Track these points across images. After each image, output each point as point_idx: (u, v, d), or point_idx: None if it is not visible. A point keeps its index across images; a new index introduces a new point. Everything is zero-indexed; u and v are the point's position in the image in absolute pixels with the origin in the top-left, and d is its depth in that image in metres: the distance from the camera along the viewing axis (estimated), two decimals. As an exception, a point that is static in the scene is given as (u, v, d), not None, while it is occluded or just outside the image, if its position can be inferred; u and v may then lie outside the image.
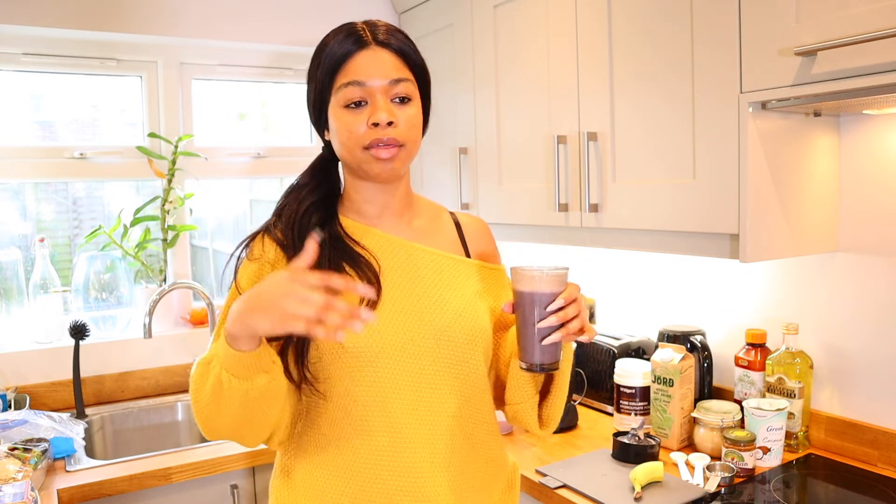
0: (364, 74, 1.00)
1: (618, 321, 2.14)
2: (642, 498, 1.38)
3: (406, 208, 1.13)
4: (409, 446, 1.00)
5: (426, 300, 1.04)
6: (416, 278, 1.06)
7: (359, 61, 1.01)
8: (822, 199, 1.50)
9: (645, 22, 1.51)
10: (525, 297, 0.98)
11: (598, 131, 1.64)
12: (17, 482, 1.39)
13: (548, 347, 0.98)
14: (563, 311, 0.96)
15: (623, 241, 1.64)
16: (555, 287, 0.97)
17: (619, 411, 1.79)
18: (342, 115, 1.01)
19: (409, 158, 1.05)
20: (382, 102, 1.00)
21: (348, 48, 1.01)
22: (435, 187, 2.29)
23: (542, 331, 0.97)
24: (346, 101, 1.01)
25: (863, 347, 1.54)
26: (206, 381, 0.94)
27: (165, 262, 2.30)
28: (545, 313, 0.96)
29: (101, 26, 2.11)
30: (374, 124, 0.99)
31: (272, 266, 1.04)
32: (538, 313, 0.97)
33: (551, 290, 0.97)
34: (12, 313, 2.11)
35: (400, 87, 1.02)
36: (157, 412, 2.14)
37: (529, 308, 0.98)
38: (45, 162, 2.15)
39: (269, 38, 2.34)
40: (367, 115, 1.00)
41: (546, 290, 0.97)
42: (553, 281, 0.97)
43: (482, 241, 1.20)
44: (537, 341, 0.97)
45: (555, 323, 0.96)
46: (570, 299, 0.97)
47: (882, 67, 1.09)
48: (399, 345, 1.01)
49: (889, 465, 1.49)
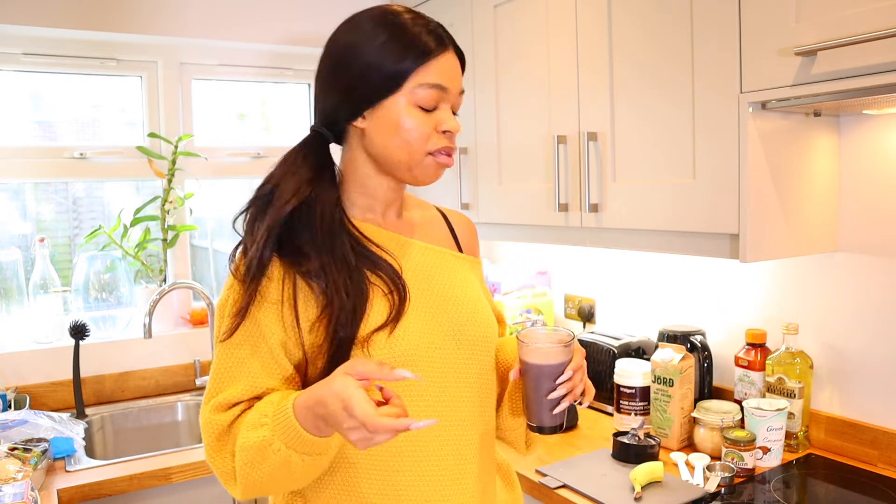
0: (449, 80, 0.97)
1: (618, 321, 2.14)
2: (642, 498, 1.38)
3: (404, 204, 1.11)
4: (433, 457, 0.97)
5: (442, 300, 1.01)
6: (429, 278, 1.02)
7: (444, 64, 0.96)
8: (821, 200, 1.50)
9: (645, 21, 1.51)
10: (534, 369, 0.98)
11: (598, 131, 1.64)
12: (17, 482, 1.39)
13: (557, 414, 1.00)
14: (571, 381, 0.97)
15: (623, 241, 1.64)
16: (563, 358, 0.98)
17: (619, 411, 1.79)
18: (414, 113, 0.95)
19: None
20: (450, 111, 0.99)
21: (433, 46, 0.95)
22: (435, 187, 2.28)
23: (552, 401, 0.98)
24: (424, 102, 0.95)
25: (863, 347, 1.54)
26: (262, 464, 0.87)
27: (165, 262, 2.30)
28: (555, 385, 0.97)
29: (101, 26, 2.11)
30: (444, 131, 0.97)
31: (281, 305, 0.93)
32: (547, 385, 0.98)
33: (560, 360, 0.98)
34: (12, 313, 2.11)
35: (462, 98, 1.01)
36: (157, 412, 2.14)
37: (538, 380, 0.98)
38: (45, 162, 2.15)
39: (269, 38, 2.34)
40: (437, 121, 0.97)
41: (555, 361, 0.98)
42: (562, 353, 0.98)
43: (470, 238, 1.18)
44: (547, 409, 0.99)
45: (564, 393, 0.97)
46: (577, 368, 0.98)
47: (882, 67, 1.09)
48: (423, 351, 0.96)
49: (889, 465, 1.49)
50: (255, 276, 0.92)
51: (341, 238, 0.96)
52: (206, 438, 0.92)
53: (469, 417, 1.01)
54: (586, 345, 1.98)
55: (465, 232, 1.17)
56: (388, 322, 0.94)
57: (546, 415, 0.99)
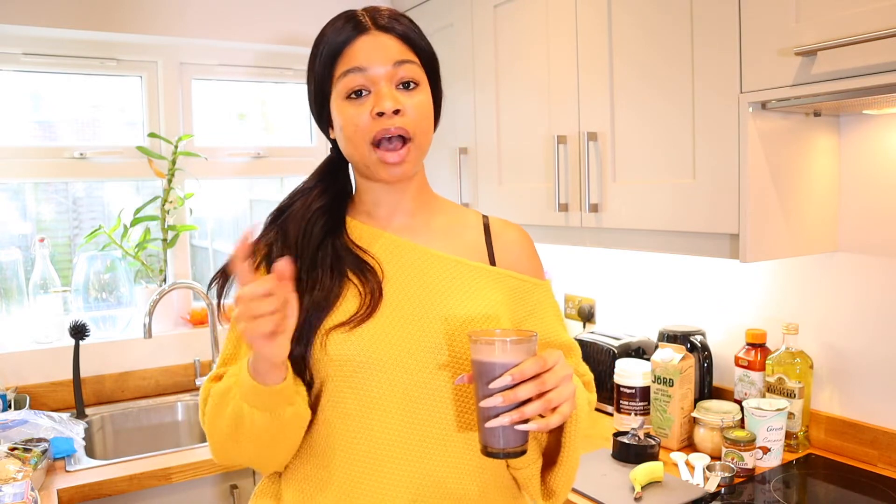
0: (365, 60, 0.91)
1: (618, 321, 2.13)
2: (642, 498, 1.38)
3: (421, 207, 1.03)
4: (389, 474, 0.89)
5: (432, 308, 0.93)
6: (423, 285, 0.95)
7: (359, 46, 0.92)
8: (821, 199, 1.50)
9: (645, 22, 1.51)
10: (474, 368, 0.81)
11: (598, 131, 1.64)
12: (17, 482, 1.39)
13: (495, 430, 0.79)
14: (512, 392, 0.78)
15: (623, 241, 1.64)
16: (508, 358, 0.78)
17: (619, 411, 1.79)
18: (344, 107, 0.93)
19: (420, 155, 0.96)
20: (386, 89, 0.91)
21: (347, 34, 0.93)
22: (435, 187, 2.27)
23: (483, 410, 0.79)
24: (347, 90, 0.92)
25: (863, 347, 1.54)
26: (222, 411, 0.89)
27: (165, 262, 2.30)
28: (488, 391, 0.78)
29: (101, 26, 2.11)
30: (378, 114, 0.90)
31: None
32: (482, 389, 0.79)
33: (502, 360, 0.78)
34: (12, 313, 2.11)
35: (404, 69, 0.92)
36: (157, 412, 2.14)
37: (477, 382, 0.81)
38: (45, 162, 2.16)
39: (269, 37, 2.34)
40: (371, 105, 0.91)
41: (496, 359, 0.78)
42: (509, 350, 0.78)
43: (515, 251, 1.05)
44: (481, 421, 0.80)
45: (499, 403, 0.77)
46: (523, 376, 0.78)
47: (882, 67, 1.09)
48: (391, 356, 0.90)
49: (889, 465, 1.49)
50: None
51: (325, 245, 0.96)
52: (201, 405, 0.95)
53: (444, 442, 0.91)
54: (586, 345, 1.97)
55: (508, 246, 1.05)
56: (350, 321, 0.91)
57: (483, 431, 0.80)
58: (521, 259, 1.05)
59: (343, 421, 0.92)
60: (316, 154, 2.48)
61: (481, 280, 0.98)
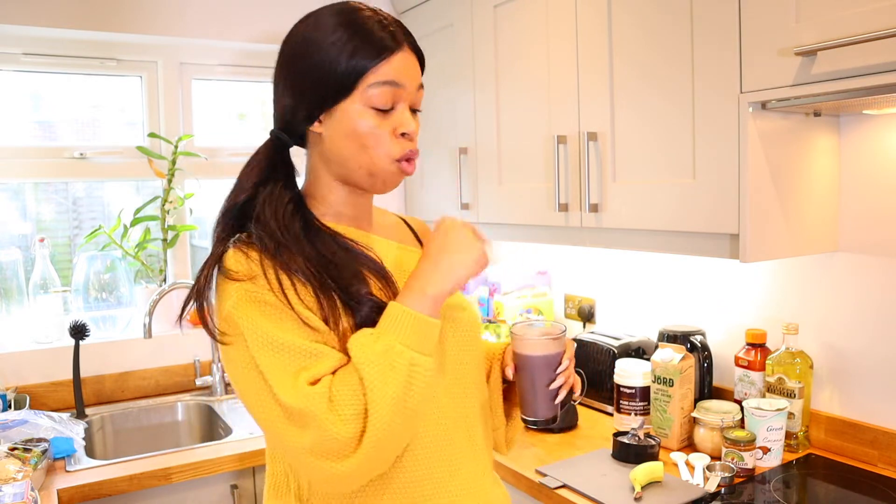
0: (404, 77, 0.92)
1: (618, 321, 2.14)
2: (642, 498, 1.38)
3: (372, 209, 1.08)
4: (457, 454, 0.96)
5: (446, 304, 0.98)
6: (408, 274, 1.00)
7: (398, 61, 0.91)
8: (821, 199, 1.50)
9: (645, 21, 1.51)
10: (531, 361, 1.03)
11: (598, 131, 1.64)
12: (17, 482, 1.39)
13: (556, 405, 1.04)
14: (569, 371, 1.04)
15: (623, 241, 1.64)
16: (558, 348, 1.04)
17: (619, 411, 1.79)
18: (368, 116, 0.91)
19: None
20: (408, 112, 0.94)
21: (387, 43, 0.90)
22: (435, 187, 2.29)
23: (552, 391, 1.03)
24: (378, 101, 0.91)
25: (863, 347, 1.54)
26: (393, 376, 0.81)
27: (165, 262, 2.30)
28: (554, 375, 1.03)
29: (101, 26, 2.11)
30: (402, 134, 0.93)
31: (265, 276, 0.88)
32: (547, 376, 1.03)
33: (556, 351, 1.04)
34: (12, 313, 2.11)
35: (420, 94, 0.97)
36: (157, 412, 2.14)
37: (536, 371, 1.03)
38: (45, 162, 2.16)
39: (269, 37, 2.34)
40: (394, 124, 0.93)
41: (552, 351, 1.03)
42: (556, 344, 1.04)
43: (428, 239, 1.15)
44: (546, 400, 1.04)
45: (562, 382, 1.03)
46: (571, 358, 1.05)
47: (882, 67, 1.09)
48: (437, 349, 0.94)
49: (889, 465, 1.49)
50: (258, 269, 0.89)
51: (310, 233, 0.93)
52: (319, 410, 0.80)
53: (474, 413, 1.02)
54: (586, 345, 1.98)
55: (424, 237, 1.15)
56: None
57: (544, 406, 1.04)
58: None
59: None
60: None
61: None
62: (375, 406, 0.80)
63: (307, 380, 0.82)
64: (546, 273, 2.38)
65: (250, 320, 0.85)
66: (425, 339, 0.85)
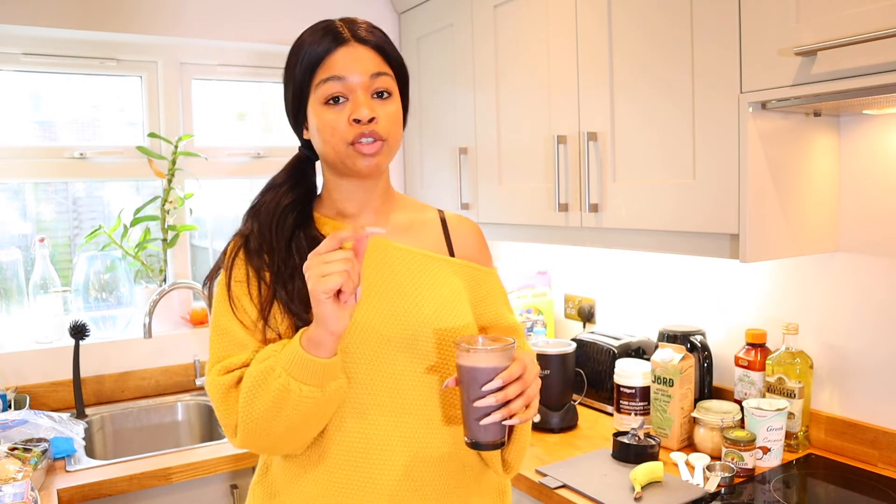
0: (344, 70, 0.99)
1: (618, 321, 2.14)
2: (642, 498, 1.38)
3: (385, 205, 1.11)
4: (382, 448, 0.99)
5: (401, 299, 1.03)
6: (392, 277, 1.04)
7: (338, 57, 1.00)
8: (821, 199, 1.50)
9: (645, 22, 1.51)
10: (464, 373, 0.92)
11: (598, 131, 1.64)
12: (17, 482, 1.39)
13: (488, 426, 0.92)
14: (503, 392, 0.91)
15: (623, 241, 1.64)
16: (495, 363, 0.91)
17: (619, 411, 1.79)
18: (322, 111, 1.00)
19: (391, 154, 1.04)
20: (363, 98, 0.99)
21: (327, 45, 1.00)
22: (435, 187, 2.29)
23: (478, 410, 0.91)
24: (325, 97, 1.00)
25: (863, 347, 1.54)
26: (264, 391, 0.92)
27: (165, 262, 2.30)
28: (481, 392, 0.90)
29: (101, 26, 2.10)
30: (355, 120, 0.98)
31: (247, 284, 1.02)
32: (475, 391, 0.91)
33: (491, 366, 0.91)
34: (12, 313, 2.11)
35: (380, 81, 1.01)
36: (157, 412, 2.14)
37: (468, 385, 0.92)
38: (45, 162, 2.15)
39: (269, 38, 2.34)
40: (349, 112, 0.99)
41: (485, 365, 0.91)
42: (494, 357, 0.91)
43: (470, 243, 1.16)
44: (474, 420, 0.92)
45: (492, 403, 0.90)
46: (511, 378, 0.92)
47: (882, 67, 1.09)
48: (372, 344, 0.99)
49: (889, 465, 1.49)
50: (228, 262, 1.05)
51: (297, 237, 1.03)
52: (214, 398, 0.98)
53: (428, 416, 1.02)
54: (586, 345, 1.98)
55: (463, 238, 1.15)
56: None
57: (476, 427, 0.92)
58: (475, 249, 1.17)
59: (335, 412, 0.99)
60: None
61: (444, 270, 1.09)
62: (244, 412, 0.94)
63: (225, 367, 0.98)
64: (546, 273, 2.38)
65: (215, 301, 1.05)
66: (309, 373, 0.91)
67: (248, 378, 0.94)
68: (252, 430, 0.95)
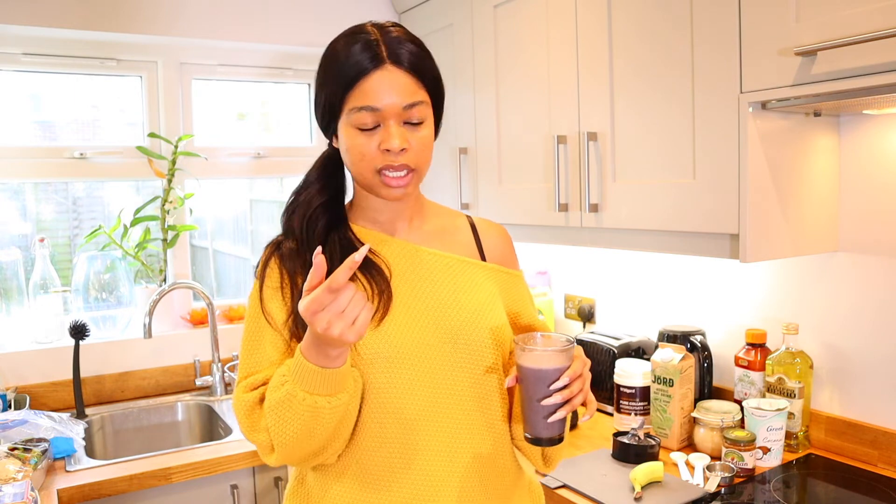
0: (378, 99, 0.95)
1: (618, 321, 2.14)
2: (642, 498, 1.38)
3: (417, 213, 1.11)
4: (423, 454, 0.99)
5: (440, 303, 1.03)
6: (430, 282, 1.04)
7: (373, 83, 0.95)
8: (821, 199, 1.50)
9: (645, 22, 1.51)
10: (529, 373, 0.95)
11: (598, 131, 1.64)
12: (17, 482, 1.39)
13: (552, 423, 0.95)
14: (568, 389, 0.94)
15: (623, 241, 1.64)
16: (560, 363, 0.95)
17: (619, 411, 1.79)
18: (353, 135, 0.98)
19: (419, 180, 1.03)
20: (395, 128, 0.96)
21: (363, 66, 0.95)
22: (435, 187, 2.29)
23: (546, 408, 0.94)
24: (358, 124, 0.97)
25: (863, 347, 1.54)
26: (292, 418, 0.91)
27: (165, 262, 2.30)
28: (549, 391, 0.94)
29: (101, 26, 2.11)
30: (385, 150, 0.96)
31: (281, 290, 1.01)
32: (542, 391, 0.94)
33: (556, 365, 0.94)
34: (12, 313, 2.11)
35: (413, 111, 0.97)
36: (157, 412, 2.14)
37: (534, 385, 0.95)
38: (45, 162, 2.15)
39: (269, 38, 2.34)
40: (379, 139, 0.96)
41: (550, 366, 0.94)
42: (558, 357, 0.95)
43: (499, 247, 1.16)
44: (541, 417, 0.95)
45: (559, 401, 0.94)
46: (575, 376, 0.95)
47: (882, 67, 1.09)
48: (414, 349, 0.99)
49: (889, 465, 1.49)
50: (260, 272, 1.04)
51: (331, 240, 1.02)
52: (240, 416, 0.98)
53: (468, 420, 1.01)
54: (586, 345, 1.98)
55: (493, 241, 1.16)
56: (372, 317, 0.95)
57: (541, 424, 0.95)
58: (505, 253, 1.17)
59: (377, 410, 0.99)
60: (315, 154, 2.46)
61: (479, 274, 1.10)
62: (277, 437, 0.93)
63: (250, 384, 0.98)
64: (546, 273, 2.38)
65: (246, 314, 1.04)
66: (325, 384, 0.90)
67: (272, 411, 0.93)
68: (289, 452, 0.95)
